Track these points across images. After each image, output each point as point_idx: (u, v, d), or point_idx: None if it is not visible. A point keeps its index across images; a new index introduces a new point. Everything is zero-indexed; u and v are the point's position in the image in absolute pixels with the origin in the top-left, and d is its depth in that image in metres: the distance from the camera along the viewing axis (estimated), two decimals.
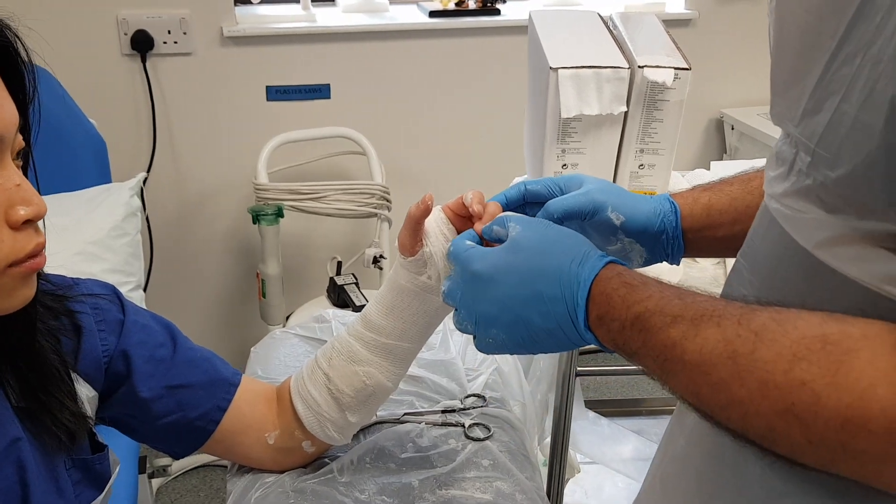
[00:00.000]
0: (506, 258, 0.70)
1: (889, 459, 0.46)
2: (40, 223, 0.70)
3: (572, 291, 0.65)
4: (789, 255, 0.57)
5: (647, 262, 0.85)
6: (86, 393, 0.83)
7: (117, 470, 0.85)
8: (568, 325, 0.65)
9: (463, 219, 0.88)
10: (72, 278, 0.87)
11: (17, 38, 0.69)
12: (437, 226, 0.87)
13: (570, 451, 1.36)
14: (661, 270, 0.90)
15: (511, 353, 0.72)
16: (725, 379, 0.53)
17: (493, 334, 0.70)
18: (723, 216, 0.81)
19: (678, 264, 0.85)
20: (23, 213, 0.66)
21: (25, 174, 0.74)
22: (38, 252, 0.68)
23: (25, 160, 0.73)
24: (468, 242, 0.75)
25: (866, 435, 0.46)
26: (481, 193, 0.86)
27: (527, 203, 0.85)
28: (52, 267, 0.77)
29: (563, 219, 0.79)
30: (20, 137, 0.69)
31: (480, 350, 0.73)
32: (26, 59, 0.71)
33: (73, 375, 0.81)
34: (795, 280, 0.57)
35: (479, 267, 0.71)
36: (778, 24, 0.59)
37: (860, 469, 0.48)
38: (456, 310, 0.74)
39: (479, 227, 0.81)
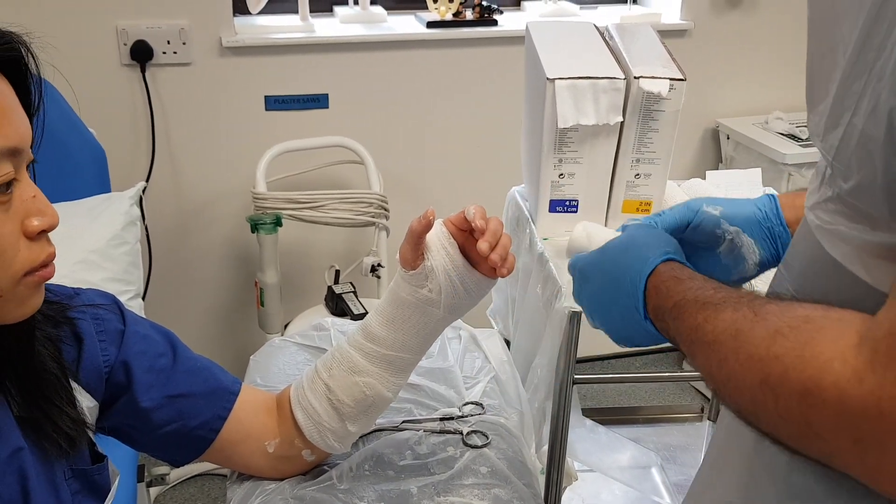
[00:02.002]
0: (597, 258, 0.79)
1: (840, 433, 0.48)
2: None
3: (635, 286, 0.71)
4: (821, 264, 0.59)
5: (764, 263, 0.85)
6: (86, 403, 0.83)
7: (117, 481, 0.85)
8: (637, 317, 0.71)
9: (464, 233, 0.89)
10: (73, 288, 0.87)
11: (31, 53, 0.71)
12: (438, 240, 0.88)
13: (568, 459, 1.36)
14: None
15: (620, 346, 0.78)
16: (727, 355, 0.56)
17: (599, 325, 0.78)
18: None
19: (783, 251, 0.85)
20: (37, 223, 0.68)
21: None
22: (49, 262, 0.70)
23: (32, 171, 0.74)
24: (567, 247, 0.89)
25: (821, 406, 0.48)
26: (483, 209, 0.87)
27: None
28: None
29: (671, 234, 0.82)
30: (30, 149, 0.71)
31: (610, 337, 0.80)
32: (36, 72, 0.72)
33: (74, 385, 0.81)
34: (826, 288, 0.59)
35: (579, 266, 0.81)
36: (809, 42, 0.62)
37: (821, 446, 0.50)
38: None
39: (482, 244, 0.83)
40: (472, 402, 1.11)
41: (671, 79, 1.31)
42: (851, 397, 0.46)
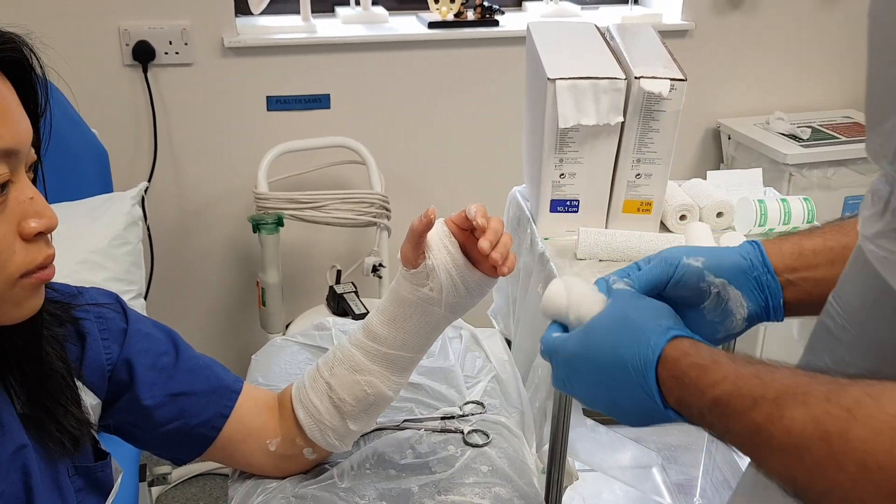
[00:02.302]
0: (583, 344, 0.68)
1: None
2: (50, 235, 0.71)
3: (643, 376, 0.62)
4: (884, 299, 0.54)
5: (752, 316, 0.76)
6: (89, 401, 0.84)
7: (120, 479, 0.86)
8: (653, 408, 0.62)
9: (465, 232, 0.89)
10: (76, 287, 0.88)
11: (34, 53, 0.71)
12: (439, 239, 0.89)
13: (569, 459, 1.37)
14: None
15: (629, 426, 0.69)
16: (820, 462, 0.48)
17: (601, 410, 0.68)
18: (818, 256, 0.74)
19: (781, 319, 0.77)
20: (35, 225, 0.68)
21: (35, 186, 0.75)
22: (47, 264, 0.70)
23: (36, 172, 0.75)
24: (554, 335, 0.72)
25: None
26: (484, 207, 0.87)
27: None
28: (54, 276, 0.78)
29: (649, 293, 0.74)
30: (32, 151, 0.71)
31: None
32: (41, 74, 0.72)
33: (77, 383, 0.82)
34: (891, 325, 0.54)
35: (563, 356, 0.70)
36: (870, 57, 0.56)
37: None
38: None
39: (483, 242, 0.82)
40: (472, 402, 1.12)
41: (672, 79, 1.31)
42: None
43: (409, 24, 2.32)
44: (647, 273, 0.75)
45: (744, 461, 1.66)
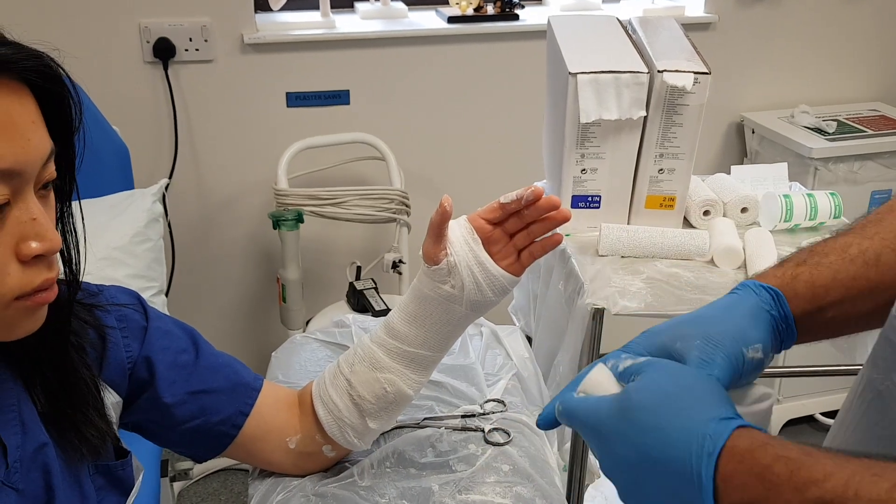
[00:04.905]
0: (616, 415, 0.57)
1: None
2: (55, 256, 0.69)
3: (691, 472, 0.50)
4: None
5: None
6: (110, 399, 0.84)
7: (141, 477, 0.86)
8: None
9: (493, 225, 0.88)
10: (96, 285, 0.88)
11: (63, 70, 0.69)
12: (461, 235, 0.88)
13: (591, 457, 1.35)
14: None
15: None
16: None
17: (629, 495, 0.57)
18: (829, 294, 0.69)
19: (788, 348, 0.71)
20: (34, 247, 0.66)
21: (68, 202, 0.75)
22: (46, 287, 0.68)
23: (62, 188, 0.73)
24: (575, 394, 0.62)
25: None
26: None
27: None
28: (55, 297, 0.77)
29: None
30: (51, 167, 0.69)
31: None
32: (73, 91, 0.70)
33: (100, 383, 0.82)
34: None
35: (590, 425, 0.59)
36: None
37: None
38: None
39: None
40: (493, 400, 1.11)
41: (695, 72, 1.29)
42: None
43: (428, 19, 2.31)
44: (720, 373, 0.62)
45: None
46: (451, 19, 2.26)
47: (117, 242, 1.65)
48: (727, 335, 0.63)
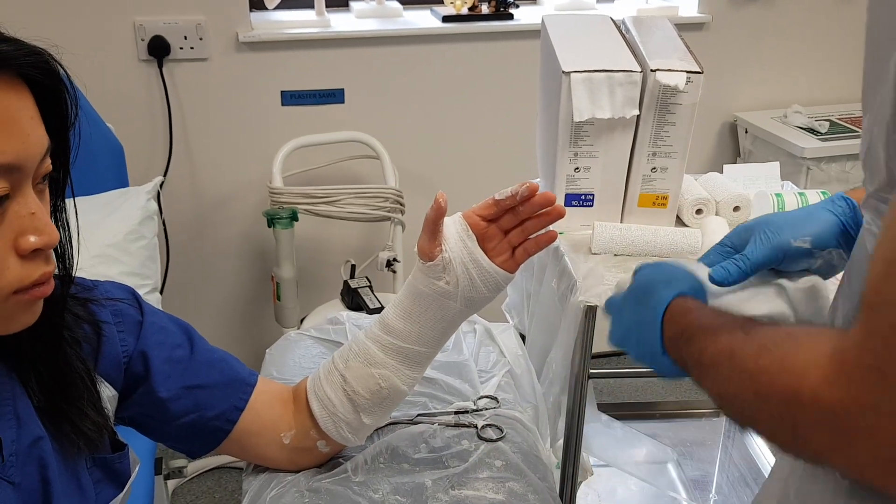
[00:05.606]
0: (623, 296, 0.83)
1: (820, 434, 0.52)
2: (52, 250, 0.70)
3: (654, 322, 0.75)
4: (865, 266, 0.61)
5: None
6: (106, 393, 0.84)
7: (137, 469, 0.86)
8: (657, 351, 0.74)
9: (488, 222, 0.89)
10: (91, 280, 0.88)
11: (61, 66, 0.69)
12: (456, 232, 0.88)
13: (583, 454, 1.36)
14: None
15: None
16: (727, 374, 0.60)
17: (631, 352, 0.81)
18: None
19: None
20: (33, 241, 0.66)
21: (62, 196, 0.75)
22: (44, 280, 0.68)
23: (56, 183, 0.74)
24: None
25: (802, 410, 0.52)
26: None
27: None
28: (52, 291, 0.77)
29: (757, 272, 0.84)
30: (48, 162, 0.69)
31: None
32: (69, 86, 0.71)
33: (96, 377, 0.82)
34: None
35: (611, 303, 0.86)
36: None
37: (808, 448, 0.54)
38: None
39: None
40: (486, 396, 1.11)
41: (688, 72, 1.30)
42: (825, 400, 0.51)
43: (423, 18, 2.31)
44: (756, 259, 0.83)
45: (760, 457, 1.65)
46: (446, 18, 2.26)
47: (111, 240, 1.65)
48: (785, 227, 0.83)
